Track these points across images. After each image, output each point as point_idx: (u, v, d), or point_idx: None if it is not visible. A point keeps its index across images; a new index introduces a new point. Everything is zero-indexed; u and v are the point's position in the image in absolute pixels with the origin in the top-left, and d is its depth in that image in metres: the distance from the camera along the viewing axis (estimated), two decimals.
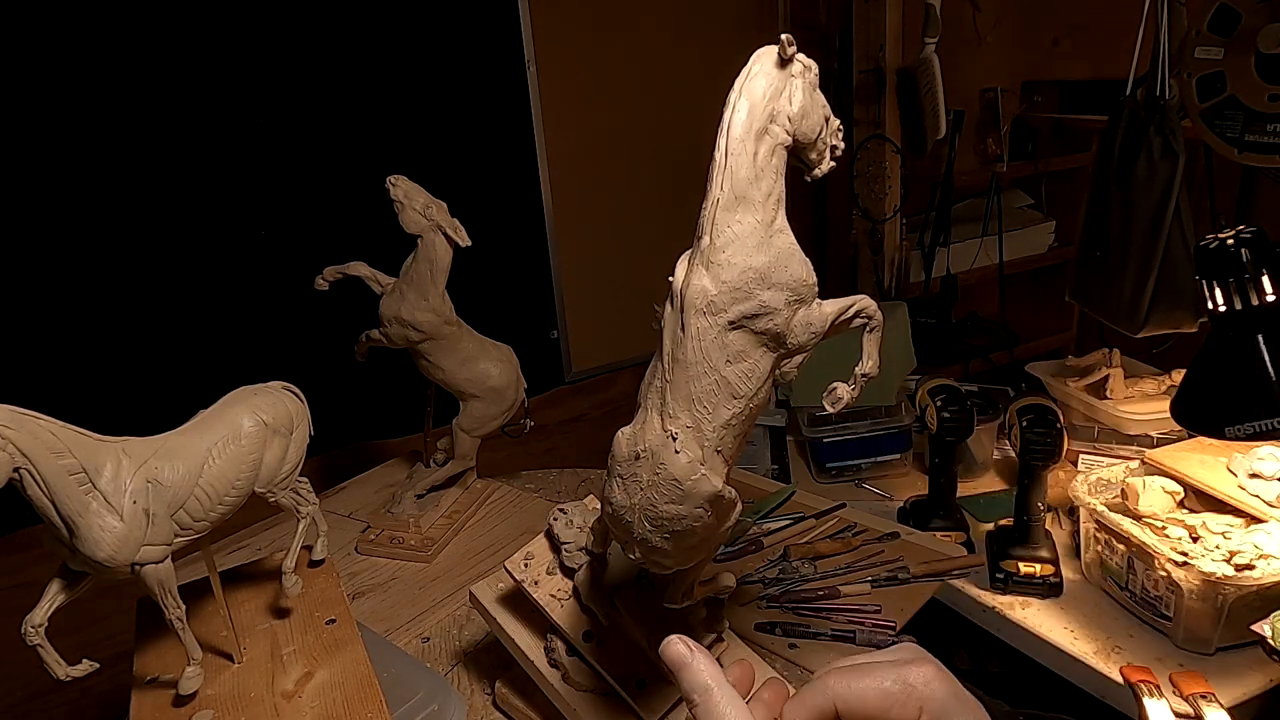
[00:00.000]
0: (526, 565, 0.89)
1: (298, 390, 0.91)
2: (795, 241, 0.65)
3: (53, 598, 0.76)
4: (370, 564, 1.32)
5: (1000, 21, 2.39)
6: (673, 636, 0.46)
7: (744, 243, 0.62)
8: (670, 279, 0.66)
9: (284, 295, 1.66)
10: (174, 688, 0.82)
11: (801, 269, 0.64)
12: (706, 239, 0.63)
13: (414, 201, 1.20)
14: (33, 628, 0.74)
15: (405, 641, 1.12)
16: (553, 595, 0.88)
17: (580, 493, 1.51)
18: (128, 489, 0.74)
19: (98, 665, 0.77)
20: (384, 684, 0.85)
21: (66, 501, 0.71)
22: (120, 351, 1.53)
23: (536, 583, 0.88)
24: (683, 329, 0.63)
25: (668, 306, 0.66)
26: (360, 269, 1.27)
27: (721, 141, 0.63)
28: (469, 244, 1.23)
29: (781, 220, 0.64)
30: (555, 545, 0.89)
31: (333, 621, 0.93)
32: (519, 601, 0.92)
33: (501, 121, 1.86)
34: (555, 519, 0.89)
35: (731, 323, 0.62)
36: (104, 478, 0.73)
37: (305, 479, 0.91)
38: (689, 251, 0.66)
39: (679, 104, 2.03)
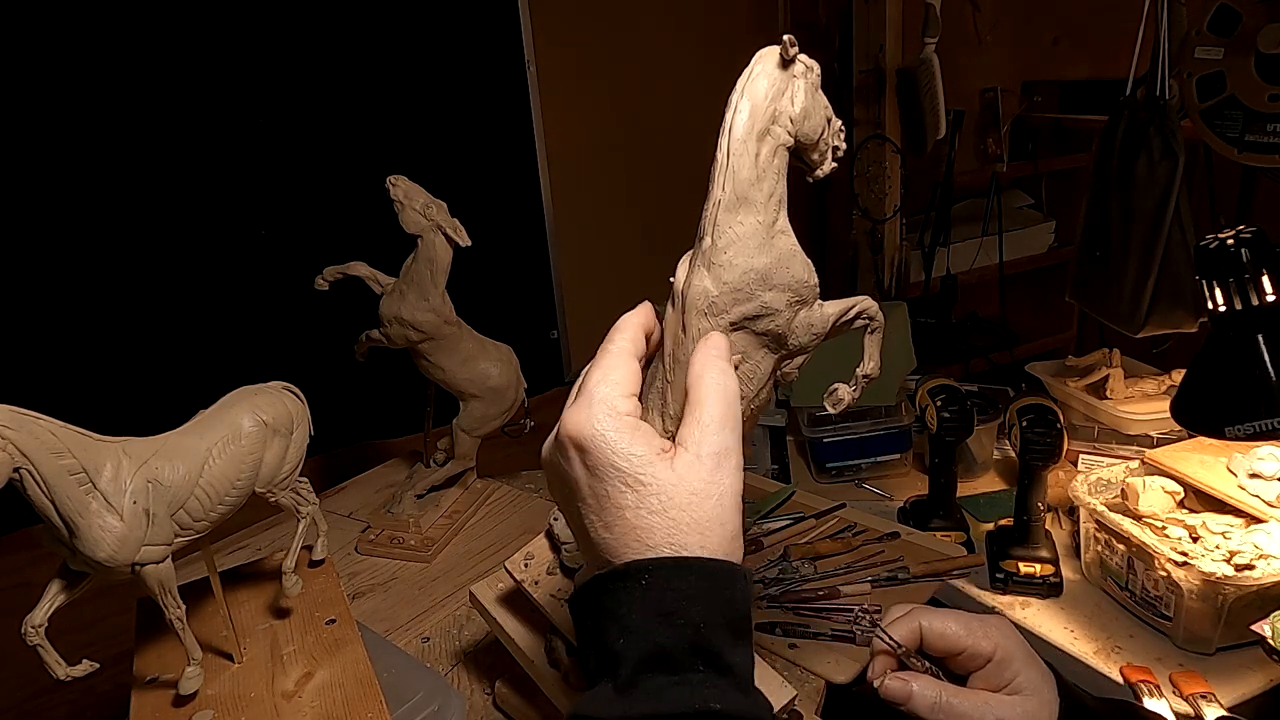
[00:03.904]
0: (527, 565, 0.89)
1: (298, 390, 0.91)
2: (797, 243, 0.65)
3: (53, 598, 0.76)
4: (370, 564, 1.32)
5: (1000, 21, 2.40)
6: (890, 680, 0.59)
7: (745, 244, 0.62)
8: (671, 279, 0.66)
9: (284, 295, 1.66)
10: (174, 688, 0.82)
11: (803, 270, 0.64)
12: (708, 240, 0.63)
13: (414, 201, 1.20)
14: (33, 628, 0.74)
15: (405, 641, 1.12)
16: (553, 595, 0.87)
17: None
18: (128, 489, 0.74)
19: (98, 665, 0.77)
20: (384, 684, 0.85)
21: (66, 501, 0.70)
22: (120, 351, 1.53)
23: (536, 583, 0.88)
24: (684, 330, 0.63)
25: (669, 307, 0.65)
26: (360, 269, 1.27)
27: (723, 142, 0.63)
28: (469, 244, 1.23)
29: (783, 221, 0.64)
30: (555, 545, 0.89)
31: (333, 621, 0.93)
32: (519, 601, 0.92)
33: (501, 121, 1.86)
34: (555, 519, 0.89)
35: (733, 324, 0.62)
36: (104, 478, 0.73)
37: (305, 479, 0.91)
38: (690, 252, 0.65)
39: (679, 104, 2.03)
